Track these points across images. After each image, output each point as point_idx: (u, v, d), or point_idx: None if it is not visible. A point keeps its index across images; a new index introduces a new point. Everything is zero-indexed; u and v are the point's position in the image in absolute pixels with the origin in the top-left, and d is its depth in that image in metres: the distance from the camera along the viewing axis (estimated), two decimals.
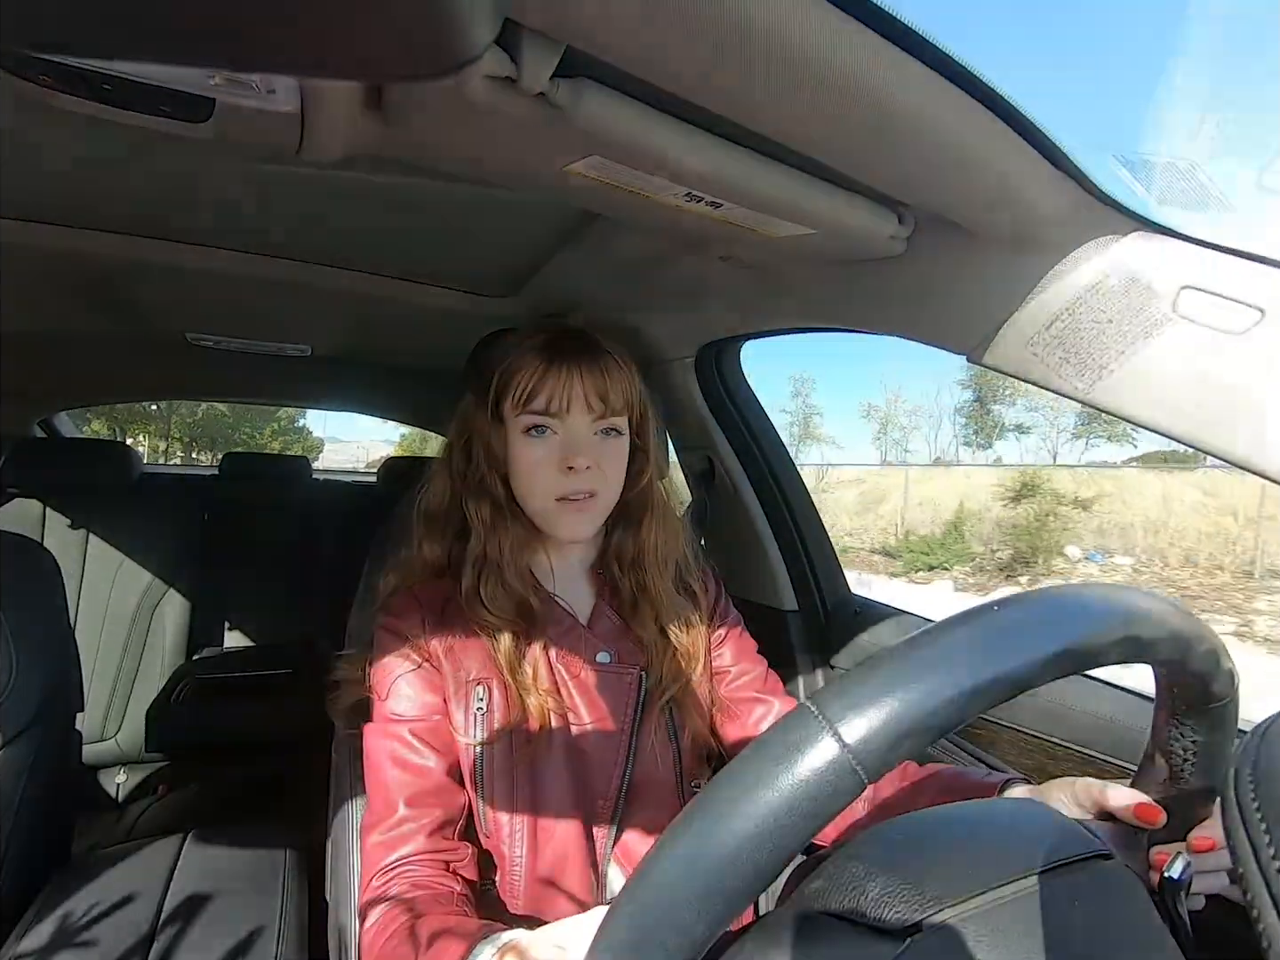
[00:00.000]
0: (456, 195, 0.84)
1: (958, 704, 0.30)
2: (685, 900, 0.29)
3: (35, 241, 0.92)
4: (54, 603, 1.06)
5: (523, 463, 0.72)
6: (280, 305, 1.29)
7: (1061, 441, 23.17)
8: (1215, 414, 0.54)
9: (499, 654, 0.72)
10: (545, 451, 0.71)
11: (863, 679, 0.31)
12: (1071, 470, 16.30)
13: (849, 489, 17.91)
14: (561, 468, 0.71)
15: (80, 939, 0.84)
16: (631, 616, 0.79)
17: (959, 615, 0.34)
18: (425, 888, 0.63)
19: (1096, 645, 0.33)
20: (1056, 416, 22.22)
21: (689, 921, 0.29)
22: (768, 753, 0.30)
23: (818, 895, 0.38)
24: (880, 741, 0.29)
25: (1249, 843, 0.26)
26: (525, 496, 0.74)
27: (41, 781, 0.94)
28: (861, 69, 0.42)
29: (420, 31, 0.21)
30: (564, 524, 0.73)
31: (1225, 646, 0.39)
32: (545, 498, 0.72)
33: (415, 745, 0.68)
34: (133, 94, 0.46)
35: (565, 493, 0.71)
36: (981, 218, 0.62)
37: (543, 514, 0.73)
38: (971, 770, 0.70)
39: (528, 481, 0.73)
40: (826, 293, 0.86)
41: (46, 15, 0.17)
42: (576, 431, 0.71)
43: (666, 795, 0.76)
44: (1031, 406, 22.37)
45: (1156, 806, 0.48)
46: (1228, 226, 0.54)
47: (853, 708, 0.30)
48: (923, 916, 0.35)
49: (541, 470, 0.71)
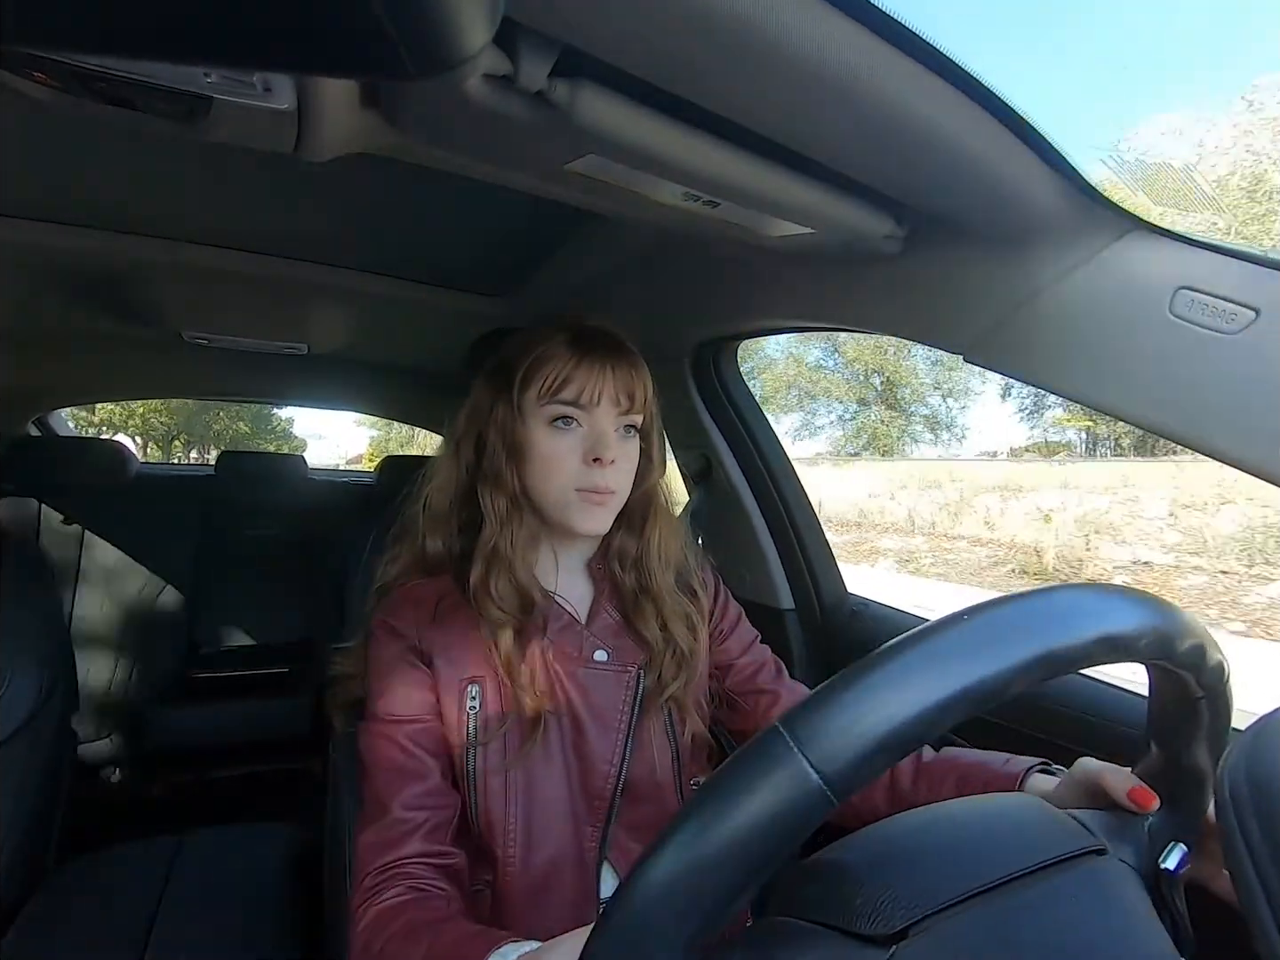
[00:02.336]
0: (453, 194, 0.84)
1: (926, 720, 0.31)
2: (664, 917, 0.30)
3: (29, 239, 0.91)
4: (48, 603, 1.06)
5: (544, 452, 0.72)
6: (277, 303, 1.28)
7: None
8: (1211, 413, 0.54)
9: (498, 651, 0.71)
10: (570, 443, 0.71)
11: (829, 698, 0.32)
12: None
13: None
14: (586, 460, 0.71)
15: (76, 939, 0.83)
16: (634, 615, 0.79)
17: (927, 627, 0.34)
18: (419, 890, 0.62)
19: (1071, 649, 0.33)
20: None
21: (670, 937, 0.30)
22: (739, 775, 0.31)
23: (805, 903, 0.39)
24: (848, 761, 0.30)
25: (1242, 841, 0.26)
26: (543, 487, 0.73)
27: (37, 781, 0.94)
28: (859, 69, 0.42)
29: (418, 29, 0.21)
30: (583, 517, 0.73)
31: (1213, 638, 0.39)
32: (565, 489, 0.72)
33: (408, 747, 0.68)
34: (128, 92, 0.46)
35: (587, 485, 0.71)
36: (978, 218, 0.62)
37: (561, 506, 0.73)
38: (991, 758, 0.69)
39: (547, 472, 0.72)
40: (823, 292, 0.87)
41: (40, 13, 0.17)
42: (602, 426, 0.72)
43: (664, 795, 0.76)
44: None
45: (1150, 791, 0.48)
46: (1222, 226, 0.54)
47: (820, 729, 0.31)
48: (908, 923, 0.35)
49: (564, 461, 0.71)
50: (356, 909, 0.63)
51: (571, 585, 0.80)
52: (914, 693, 0.31)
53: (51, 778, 1.00)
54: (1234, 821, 0.26)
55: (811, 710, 0.32)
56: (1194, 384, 0.55)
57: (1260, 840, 0.25)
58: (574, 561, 0.81)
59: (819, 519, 1.30)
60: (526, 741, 0.70)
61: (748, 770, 0.31)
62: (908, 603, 1.26)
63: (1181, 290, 0.55)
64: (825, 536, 1.30)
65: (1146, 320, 0.56)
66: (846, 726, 0.30)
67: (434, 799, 0.67)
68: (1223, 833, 0.32)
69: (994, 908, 0.36)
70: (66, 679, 1.08)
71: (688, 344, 1.22)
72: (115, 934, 0.85)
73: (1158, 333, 0.56)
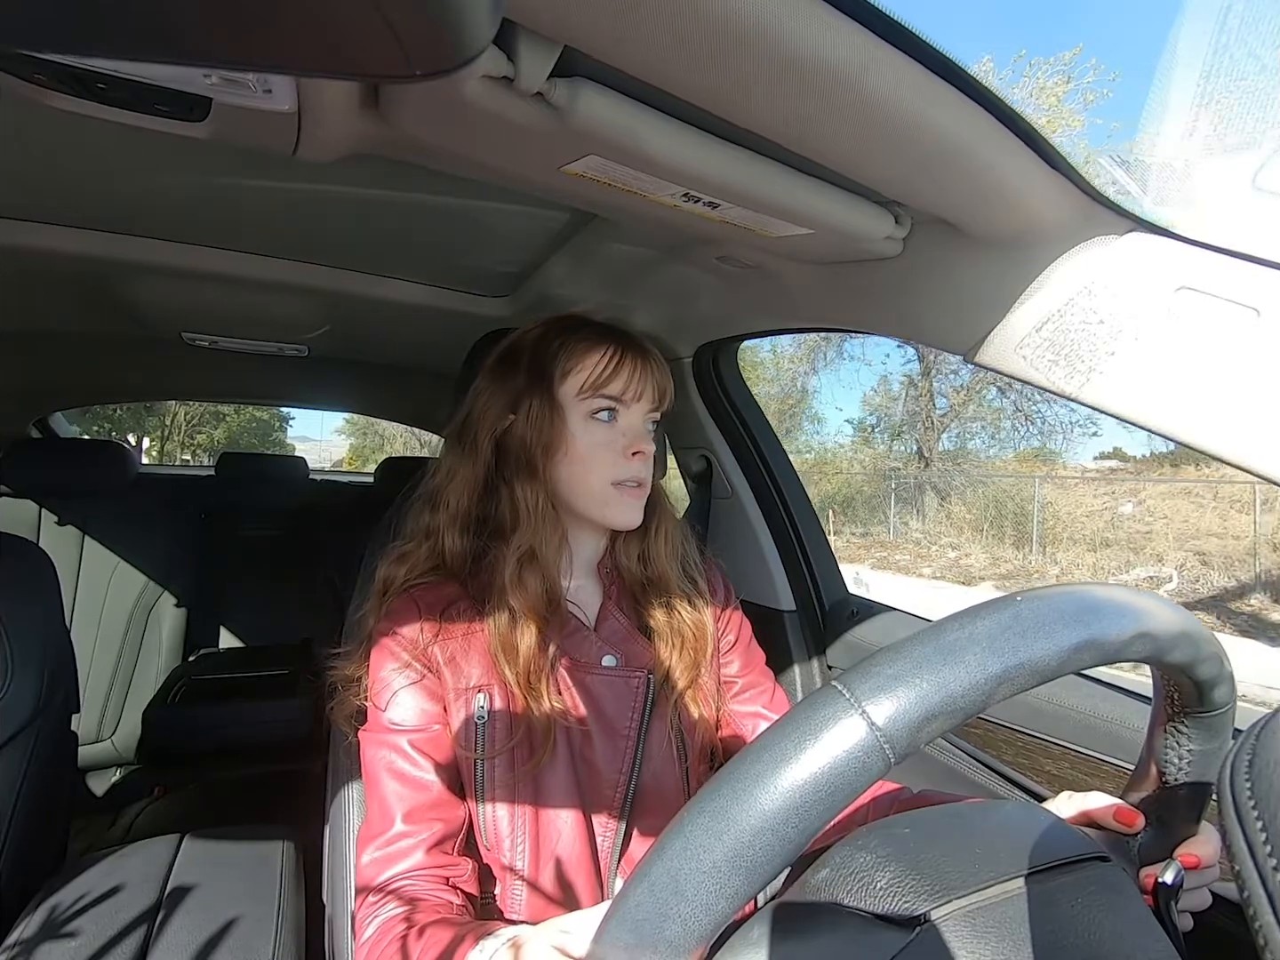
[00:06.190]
0: (453, 195, 0.84)
1: (984, 688, 0.31)
2: (707, 873, 0.29)
3: (29, 241, 0.91)
4: (50, 604, 1.06)
5: (583, 445, 0.72)
6: (277, 305, 1.28)
7: None
8: (1212, 414, 0.54)
9: (519, 656, 0.69)
10: (610, 435, 0.72)
11: (890, 660, 0.32)
12: None
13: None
14: (626, 454, 0.72)
15: (76, 941, 0.83)
16: (642, 606, 0.78)
17: (984, 604, 0.34)
18: (423, 900, 0.61)
19: (1115, 640, 0.34)
20: None
21: (709, 896, 0.29)
22: (795, 729, 0.30)
23: (825, 884, 0.38)
24: (908, 722, 0.30)
25: (1244, 840, 0.26)
26: (579, 481, 0.73)
27: (37, 784, 0.94)
28: (858, 70, 0.42)
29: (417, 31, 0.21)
30: (620, 509, 0.73)
31: (1228, 655, 0.40)
32: (602, 482, 0.72)
33: (414, 757, 0.66)
34: (128, 93, 0.46)
35: (624, 478, 0.72)
36: (977, 218, 0.62)
37: (599, 499, 0.73)
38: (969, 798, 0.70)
39: (586, 464, 0.72)
40: (823, 293, 0.87)
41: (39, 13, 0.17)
42: (636, 421, 0.74)
43: (673, 802, 0.74)
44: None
45: (1134, 810, 0.49)
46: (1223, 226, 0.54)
47: (881, 688, 0.30)
48: (930, 908, 0.35)
49: (604, 453, 0.72)
50: (360, 922, 0.62)
51: (581, 589, 0.79)
52: (976, 660, 0.31)
53: (52, 779, 1.00)
54: (1236, 820, 0.26)
55: (872, 669, 0.32)
56: (1194, 384, 0.55)
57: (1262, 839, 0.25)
58: (584, 564, 0.80)
59: (819, 520, 1.30)
60: (537, 753, 0.68)
61: (805, 723, 0.30)
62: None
63: (1181, 290, 0.55)
64: (826, 537, 1.30)
65: (1147, 320, 0.56)
66: (907, 687, 0.30)
67: (438, 812, 0.66)
68: (1225, 832, 0.33)
69: (1013, 898, 0.36)
70: (67, 681, 1.08)
71: (688, 345, 1.22)
72: (115, 936, 0.85)
73: (1158, 333, 0.56)
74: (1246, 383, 0.52)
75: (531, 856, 0.68)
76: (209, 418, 20.79)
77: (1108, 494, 11.94)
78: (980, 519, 11.90)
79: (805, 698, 0.32)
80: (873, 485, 14.43)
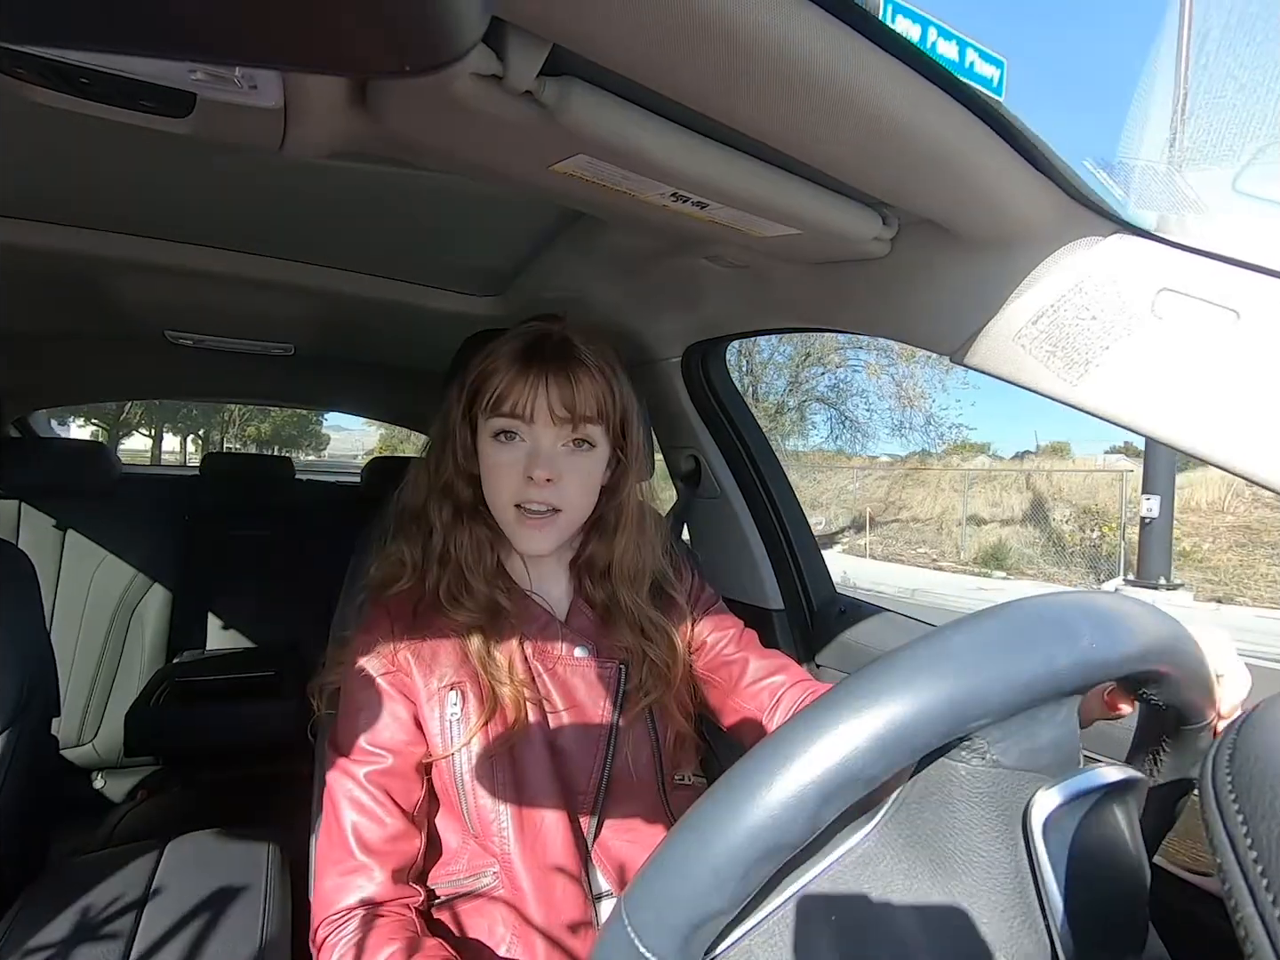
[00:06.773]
0: (442, 193, 0.83)
1: (741, 891, 0.33)
2: None
3: (8, 237, 0.90)
4: (29, 605, 1.04)
5: (488, 466, 0.73)
6: (262, 303, 1.27)
7: None
8: (1192, 415, 0.55)
9: (470, 653, 0.71)
10: (511, 457, 0.71)
11: (657, 874, 0.34)
12: None
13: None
14: (524, 476, 0.70)
15: (58, 948, 0.82)
16: (610, 623, 0.79)
17: (724, 789, 0.34)
18: (379, 931, 0.63)
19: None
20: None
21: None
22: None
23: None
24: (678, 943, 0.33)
25: (1226, 834, 0.26)
26: (491, 500, 0.74)
27: (17, 788, 0.93)
28: (847, 72, 0.42)
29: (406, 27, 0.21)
30: (521, 537, 0.73)
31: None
32: (506, 504, 0.72)
33: (374, 792, 0.68)
34: (112, 88, 0.46)
35: (525, 500, 0.71)
36: (964, 220, 0.62)
37: (506, 521, 0.73)
38: None
39: (492, 485, 0.73)
40: (811, 293, 0.87)
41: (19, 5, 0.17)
42: (542, 442, 0.71)
43: (646, 792, 0.76)
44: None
45: (1126, 694, 0.48)
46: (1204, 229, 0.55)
47: (653, 914, 0.33)
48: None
49: (505, 474, 0.71)
50: (318, 948, 0.64)
51: (550, 585, 0.81)
52: (726, 869, 0.32)
53: (32, 784, 0.98)
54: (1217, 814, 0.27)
55: (643, 889, 0.34)
56: (1176, 385, 0.55)
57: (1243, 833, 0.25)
58: (549, 561, 0.81)
59: (808, 519, 1.31)
60: (510, 738, 0.70)
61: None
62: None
63: (1164, 291, 0.55)
64: (814, 536, 1.31)
65: (1130, 321, 0.57)
66: (670, 906, 0.33)
67: (393, 844, 0.67)
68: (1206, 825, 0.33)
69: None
70: (47, 684, 1.06)
71: (677, 345, 1.22)
72: (97, 942, 0.84)
73: (1141, 334, 0.57)
74: (1226, 384, 0.53)
75: (517, 838, 0.69)
76: (256, 412, 22.05)
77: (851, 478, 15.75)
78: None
79: (597, 941, 0.36)
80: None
